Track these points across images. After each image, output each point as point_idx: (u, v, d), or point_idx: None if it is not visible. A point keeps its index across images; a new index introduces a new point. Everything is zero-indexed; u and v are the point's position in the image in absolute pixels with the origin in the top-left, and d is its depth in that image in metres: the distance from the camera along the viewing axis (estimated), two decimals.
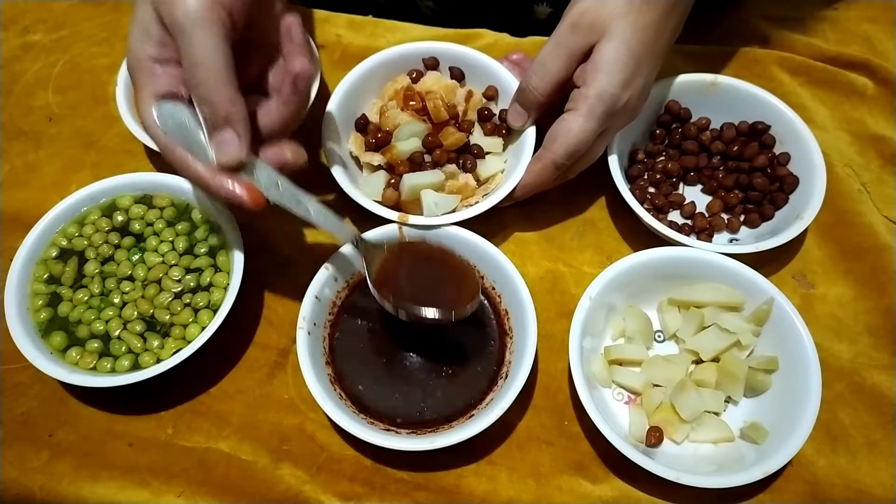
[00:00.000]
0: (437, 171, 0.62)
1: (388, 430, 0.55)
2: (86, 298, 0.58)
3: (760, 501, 0.55)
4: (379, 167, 0.64)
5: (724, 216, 0.67)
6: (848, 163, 0.71)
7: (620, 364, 0.59)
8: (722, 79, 0.68)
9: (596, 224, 0.68)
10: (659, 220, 0.62)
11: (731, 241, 0.66)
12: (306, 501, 0.55)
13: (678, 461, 0.54)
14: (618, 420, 0.57)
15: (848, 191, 0.69)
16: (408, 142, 0.63)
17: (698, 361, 0.59)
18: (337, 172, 0.61)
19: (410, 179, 0.61)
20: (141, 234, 0.61)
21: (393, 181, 0.62)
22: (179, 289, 0.59)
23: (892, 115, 0.73)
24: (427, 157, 0.64)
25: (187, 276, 0.59)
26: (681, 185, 0.70)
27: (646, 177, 0.69)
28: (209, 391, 0.59)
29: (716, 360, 0.58)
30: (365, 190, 0.62)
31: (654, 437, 0.55)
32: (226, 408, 0.59)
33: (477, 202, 0.61)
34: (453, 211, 0.61)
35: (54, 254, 0.60)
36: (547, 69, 0.57)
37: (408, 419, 0.56)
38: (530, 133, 0.63)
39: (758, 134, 0.67)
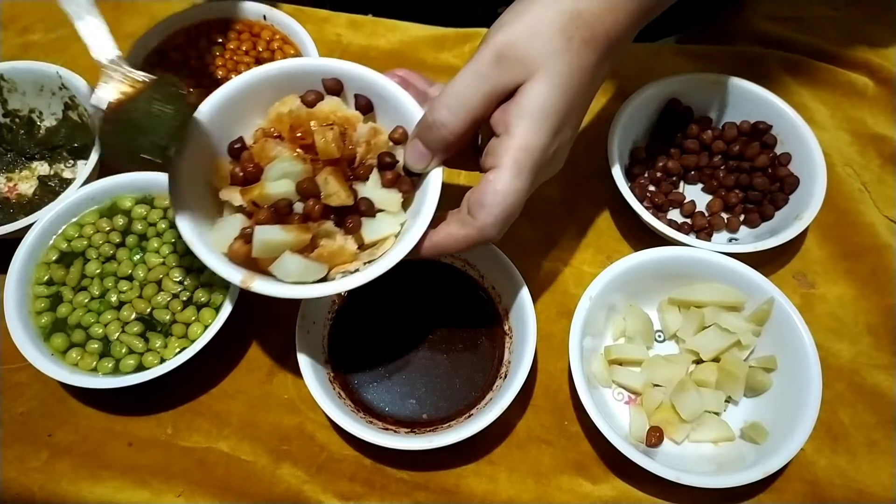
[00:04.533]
0: (303, 228, 0.48)
1: (388, 429, 0.55)
2: (85, 301, 0.58)
3: (760, 501, 0.55)
4: (240, 209, 0.50)
5: (724, 215, 0.67)
6: (848, 162, 0.71)
7: (620, 364, 0.59)
8: (724, 78, 0.68)
9: (596, 223, 0.68)
10: (658, 218, 0.62)
11: (730, 240, 0.66)
12: (306, 501, 0.55)
13: (678, 461, 0.54)
14: (618, 420, 0.57)
15: (848, 190, 0.69)
16: (277, 183, 0.49)
17: (698, 361, 0.59)
18: (178, 210, 0.48)
19: (264, 234, 0.47)
20: (144, 234, 0.61)
21: (247, 230, 0.48)
22: (180, 289, 0.59)
23: (893, 115, 0.73)
24: (299, 207, 0.49)
25: (188, 277, 0.59)
26: (681, 183, 0.70)
27: (646, 175, 0.68)
28: (209, 391, 0.59)
29: (716, 359, 0.58)
30: (214, 237, 0.49)
31: (654, 437, 0.55)
32: (225, 408, 0.59)
33: (357, 270, 0.48)
34: (323, 279, 0.49)
35: (54, 257, 0.60)
36: (462, 104, 0.46)
37: (407, 418, 0.56)
38: (433, 183, 0.49)
39: (759, 134, 0.67)
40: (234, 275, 0.47)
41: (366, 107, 0.53)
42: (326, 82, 0.53)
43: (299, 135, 0.50)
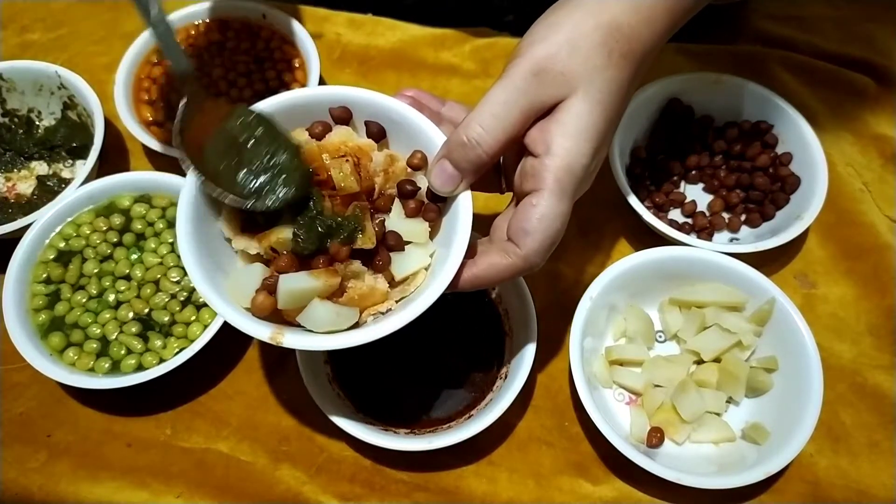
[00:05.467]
0: (332, 272, 0.44)
1: (387, 430, 0.54)
2: (83, 300, 0.58)
3: (762, 502, 0.55)
4: (258, 257, 0.46)
5: (725, 215, 0.67)
6: (849, 162, 0.70)
7: (621, 364, 0.59)
8: (725, 77, 0.67)
9: (597, 223, 0.68)
10: (659, 218, 0.62)
11: (731, 240, 0.66)
12: (305, 502, 0.55)
13: (679, 462, 0.54)
14: (618, 421, 0.57)
15: (849, 190, 0.69)
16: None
17: (699, 362, 0.59)
18: (190, 263, 0.44)
19: (290, 283, 0.43)
20: (142, 234, 0.61)
21: (269, 280, 0.44)
22: (177, 289, 0.58)
23: (894, 115, 0.73)
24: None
25: (187, 278, 0.59)
26: (682, 183, 0.69)
27: (647, 175, 0.68)
28: (208, 392, 0.59)
29: (717, 360, 0.58)
30: (232, 290, 0.45)
31: (655, 438, 0.55)
32: (225, 408, 0.59)
33: (390, 309, 0.46)
34: (355, 325, 0.45)
35: (52, 256, 0.60)
36: (500, 121, 0.43)
37: (406, 419, 0.56)
38: (463, 208, 0.46)
39: (760, 133, 0.67)
40: (262, 331, 0.43)
41: (378, 133, 0.50)
42: (334, 111, 0.50)
43: (311, 170, 0.46)
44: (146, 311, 0.58)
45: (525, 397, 0.59)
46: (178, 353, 0.55)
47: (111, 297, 0.58)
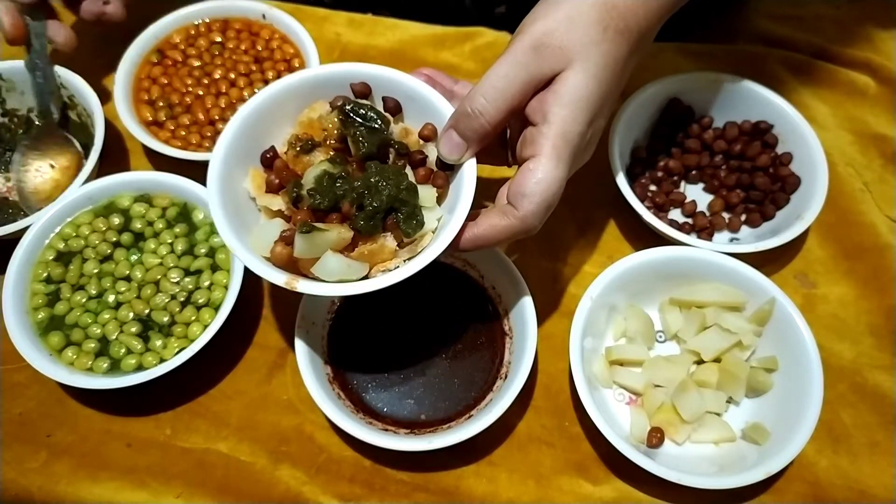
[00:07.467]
0: (345, 226, 0.48)
1: (387, 430, 0.54)
2: (83, 301, 0.58)
3: (762, 502, 0.54)
4: (279, 213, 0.51)
5: (725, 215, 0.67)
6: (850, 162, 0.70)
7: (621, 364, 0.59)
8: (725, 77, 0.67)
9: (597, 223, 0.68)
10: (659, 218, 0.62)
11: (731, 240, 0.66)
12: (305, 502, 0.55)
13: (679, 462, 0.54)
14: (619, 421, 0.57)
15: (849, 190, 0.69)
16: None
17: (700, 362, 0.59)
18: (218, 215, 0.49)
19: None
20: (142, 234, 0.61)
21: (286, 233, 0.49)
22: (177, 290, 0.58)
23: (894, 115, 0.73)
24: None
25: (186, 278, 0.59)
26: (682, 183, 0.69)
27: (647, 175, 0.68)
28: (208, 392, 0.59)
29: (717, 360, 0.58)
30: (254, 242, 0.50)
31: (655, 438, 0.55)
32: (224, 408, 0.59)
33: (397, 267, 0.48)
34: (365, 277, 0.48)
35: (51, 256, 0.60)
36: (501, 93, 0.47)
37: (406, 419, 0.56)
38: (468, 175, 0.49)
39: (761, 133, 0.67)
40: (278, 277, 0.47)
41: (395, 108, 0.54)
42: (354, 86, 0.54)
43: (333, 141, 0.52)
44: (146, 311, 0.57)
45: (525, 397, 0.59)
46: (178, 353, 0.55)
47: (111, 298, 0.58)
